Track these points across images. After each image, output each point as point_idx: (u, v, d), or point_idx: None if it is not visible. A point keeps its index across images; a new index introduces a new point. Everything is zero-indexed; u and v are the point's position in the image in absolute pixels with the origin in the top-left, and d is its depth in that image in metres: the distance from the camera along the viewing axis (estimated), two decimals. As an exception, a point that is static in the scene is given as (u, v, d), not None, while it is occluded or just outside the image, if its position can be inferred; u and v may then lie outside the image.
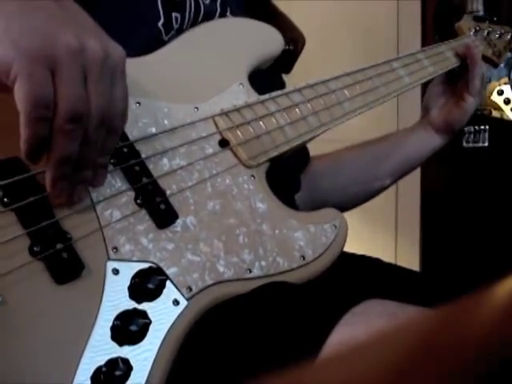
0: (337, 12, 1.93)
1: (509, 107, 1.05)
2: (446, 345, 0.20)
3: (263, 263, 0.63)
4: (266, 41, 0.80)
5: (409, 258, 2.06)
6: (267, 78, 0.82)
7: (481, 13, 1.53)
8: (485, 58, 1.04)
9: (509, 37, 1.09)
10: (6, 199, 0.51)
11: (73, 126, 0.48)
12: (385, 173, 0.97)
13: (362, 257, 0.87)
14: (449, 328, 0.21)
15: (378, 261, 0.88)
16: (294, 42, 0.86)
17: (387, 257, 0.91)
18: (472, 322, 0.21)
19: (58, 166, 0.50)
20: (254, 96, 0.73)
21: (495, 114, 1.49)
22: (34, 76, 0.45)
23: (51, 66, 0.46)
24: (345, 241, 0.71)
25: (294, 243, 0.67)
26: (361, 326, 0.53)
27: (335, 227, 0.70)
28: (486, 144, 1.22)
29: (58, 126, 0.47)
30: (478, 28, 1.06)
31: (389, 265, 0.88)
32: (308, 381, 0.22)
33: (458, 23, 1.02)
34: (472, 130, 1.65)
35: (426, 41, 2.02)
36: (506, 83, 1.19)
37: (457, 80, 0.98)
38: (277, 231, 0.66)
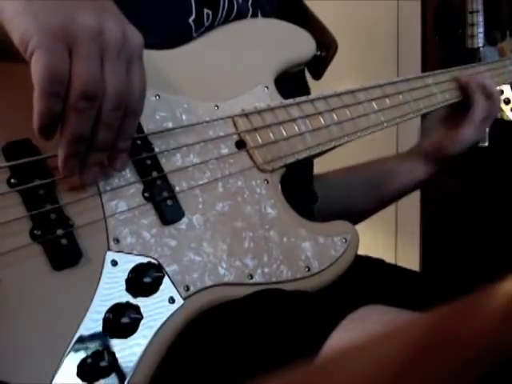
0: (336, 12, 1.90)
1: (509, 107, 1.01)
2: (445, 345, 0.20)
3: (266, 270, 0.62)
4: (296, 44, 0.79)
5: (409, 258, 2.04)
6: (294, 82, 0.81)
7: (480, 13, 1.48)
8: None
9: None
10: (13, 180, 0.51)
11: (85, 105, 0.48)
12: (376, 200, 0.96)
13: (365, 258, 0.85)
14: (449, 328, 0.21)
15: (380, 262, 0.86)
16: (327, 47, 0.84)
17: (387, 257, 0.89)
18: (472, 322, 0.21)
19: (69, 144, 0.50)
20: (277, 100, 0.72)
21: (495, 114, 1.47)
22: (51, 51, 0.46)
23: (69, 44, 0.47)
24: (354, 256, 0.70)
25: (301, 253, 0.65)
26: (357, 332, 0.52)
27: (345, 241, 0.69)
28: (486, 144, 1.19)
29: (71, 104, 0.48)
30: (521, 51, 1.03)
31: (391, 266, 0.87)
32: (306, 381, 0.22)
33: (500, 44, 0.99)
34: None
35: (426, 41, 1.98)
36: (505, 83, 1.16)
37: (460, 109, 0.92)
38: (284, 239, 0.65)
